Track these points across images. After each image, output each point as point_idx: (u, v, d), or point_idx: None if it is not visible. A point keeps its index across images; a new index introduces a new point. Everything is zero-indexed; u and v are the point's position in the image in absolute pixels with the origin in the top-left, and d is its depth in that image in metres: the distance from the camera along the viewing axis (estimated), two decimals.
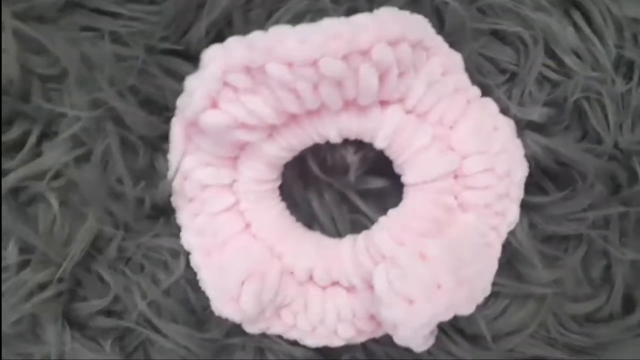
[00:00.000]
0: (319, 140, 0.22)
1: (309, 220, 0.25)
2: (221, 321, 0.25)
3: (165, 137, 0.24)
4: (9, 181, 0.24)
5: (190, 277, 0.25)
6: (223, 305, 0.22)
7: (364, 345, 0.25)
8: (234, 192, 0.23)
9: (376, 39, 0.18)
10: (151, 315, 0.25)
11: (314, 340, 0.23)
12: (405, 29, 0.19)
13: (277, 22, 0.22)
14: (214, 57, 0.19)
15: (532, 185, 0.24)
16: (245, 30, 0.22)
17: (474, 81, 0.23)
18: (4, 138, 0.24)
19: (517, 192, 0.23)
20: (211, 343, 0.25)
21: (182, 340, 0.25)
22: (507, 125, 0.22)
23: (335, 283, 0.23)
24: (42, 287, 0.24)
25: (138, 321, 0.25)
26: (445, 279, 0.19)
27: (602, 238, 0.25)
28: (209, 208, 0.23)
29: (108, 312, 0.26)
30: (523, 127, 0.23)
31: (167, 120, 0.23)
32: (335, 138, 0.22)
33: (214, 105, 0.20)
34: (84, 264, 0.25)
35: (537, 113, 0.23)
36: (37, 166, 0.24)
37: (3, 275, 0.24)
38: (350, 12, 0.22)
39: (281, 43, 0.18)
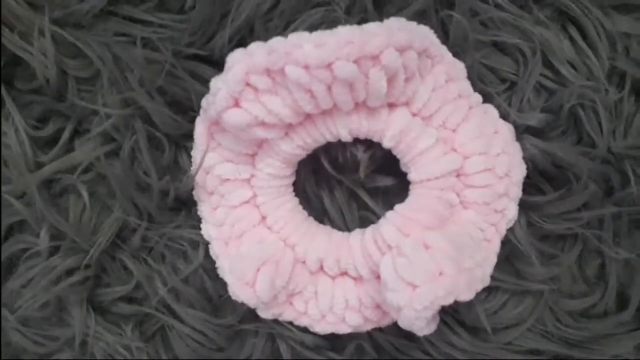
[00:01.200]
0: (332, 139, 0.23)
1: (320, 216, 0.27)
2: (236, 308, 0.26)
3: (188, 136, 0.26)
4: (43, 174, 0.26)
5: (209, 267, 0.26)
6: (240, 291, 0.23)
7: (370, 335, 0.26)
8: (252, 187, 0.25)
9: (386, 45, 0.20)
10: (171, 302, 0.26)
11: (323, 327, 0.25)
12: (413, 37, 0.21)
13: (294, 31, 0.24)
14: (237, 60, 0.21)
15: (530, 186, 0.25)
16: (265, 38, 0.24)
17: (477, 89, 0.24)
18: (40, 134, 0.26)
19: (516, 192, 0.24)
20: (226, 329, 0.27)
21: (199, 325, 0.26)
22: (507, 130, 0.24)
23: (344, 273, 0.25)
24: (70, 272, 0.26)
25: (158, 308, 0.27)
26: (447, 267, 0.20)
27: (596, 238, 0.26)
28: (228, 201, 0.25)
29: (130, 299, 0.27)
30: (522, 132, 0.25)
31: (192, 120, 0.25)
32: (346, 137, 0.23)
33: (237, 105, 0.21)
34: (110, 252, 0.27)
35: (535, 119, 0.25)
36: (70, 161, 0.26)
37: (35, 261, 0.26)
38: (362, 22, 0.24)
39: (300, 47, 0.20)
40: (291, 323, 0.26)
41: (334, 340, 0.27)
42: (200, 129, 0.24)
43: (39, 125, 0.26)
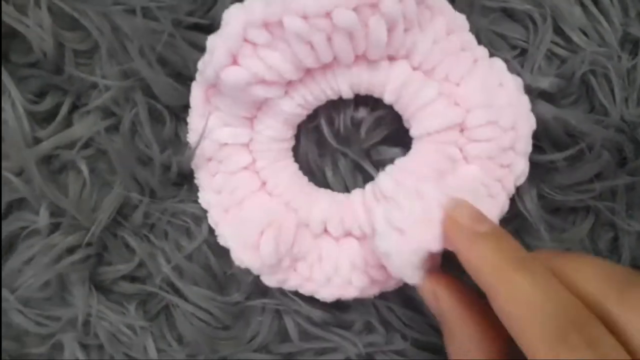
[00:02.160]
0: (332, 95, 0.23)
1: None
2: (241, 285, 0.26)
3: (189, 107, 0.25)
4: (41, 150, 0.25)
5: (212, 243, 0.26)
6: (243, 254, 0.23)
7: (377, 310, 0.26)
8: (251, 152, 0.24)
9: None
10: (174, 280, 0.26)
11: (329, 291, 0.24)
12: None
13: None
14: (234, 15, 0.20)
15: (541, 154, 0.25)
16: None
17: None
18: (38, 109, 0.25)
19: (524, 146, 0.23)
20: (231, 306, 0.26)
21: (203, 303, 0.26)
22: (513, 82, 0.23)
23: (348, 234, 0.24)
24: (71, 250, 0.26)
25: (161, 286, 0.26)
26: (436, 214, 0.20)
27: (609, 210, 0.25)
28: (227, 167, 0.24)
29: (132, 278, 0.27)
30: (535, 97, 0.24)
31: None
32: (347, 93, 0.22)
33: (235, 62, 0.21)
34: (111, 229, 0.26)
35: (547, 82, 0.24)
36: (68, 136, 0.25)
37: (35, 239, 0.26)
38: None
39: None
40: (297, 293, 0.25)
41: (341, 316, 0.26)
42: (197, 92, 0.23)
43: (36, 99, 0.26)
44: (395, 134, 0.25)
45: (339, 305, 0.26)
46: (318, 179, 0.26)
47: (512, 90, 0.23)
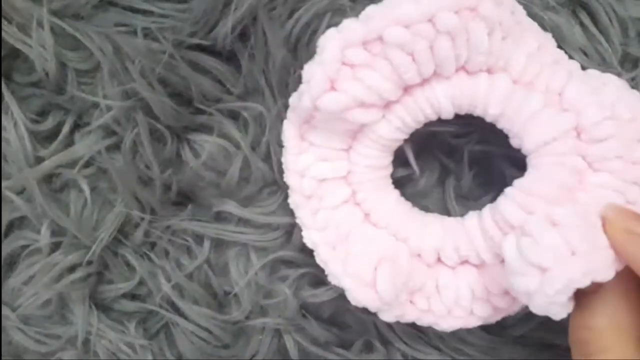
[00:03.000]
0: (431, 114, 0.22)
1: None
2: (241, 304, 0.26)
3: (190, 128, 0.25)
4: (43, 169, 0.25)
5: (213, 262, 0.26)
6: (360, 294, 0.22)
7: (377, 330, 0.26)
8: (349, 184, 0.23)
9: None
10: (174, 298, 0.26)
11: (450, 323, 0.23)
12: None
13: (298, 20, 0.24)
14: (331, 38, 0.20)
15: None
16: (268, 27, 0.24)
17: None
18: (40, 128, 0.26)
19: None
20: (231, 325, 0.26)
21: (203, 322, 0.26)
22: (615, 79, 0.22)
23: (464, 261, 0.23)
24: (72, 269, 0.26)
25: (161, 304, 0.26)
26: (578, 245, 0.18)
27: None
28: (328, 202, 0.23)
29: (133, 296, 0.27)
30: None
31: (194, 111, 0.25)
32: (447, 109, 0.22)
33: (332, 88, 0.20)
34: (112, 248, 0.26)
35: None
36: (70, 155, 0.26)
37: (36, 257, 0.26)
38: None
39: (398, 7, 0.19)
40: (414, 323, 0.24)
41: (342, 335, 0.26)
42: (290, 130, 0.23)
43: (38, 118, 0.26)
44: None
45: (340, 324, 0.26)
46: None
47: (617, 85, 0.21)
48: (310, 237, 0.24)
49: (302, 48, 0.24)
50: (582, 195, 0.20)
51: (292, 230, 0.25)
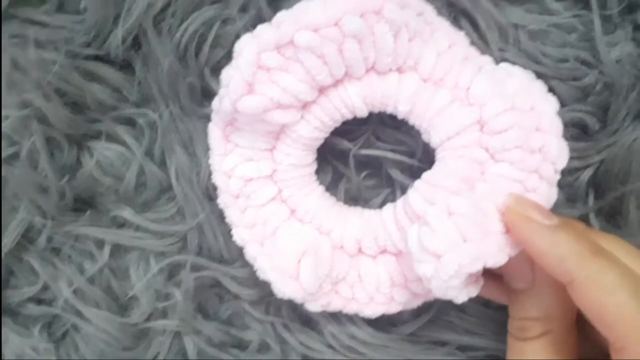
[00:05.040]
0: (347, 113, 0.23)
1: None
2: (142, 307, 0.26)
3: (89, 135, 0.26)
4: None
5: (114, 266, 0.26)
6: (285, 286, 0.23)
7: (274, 330, 0.27)
8: (275, 182, 0.24)
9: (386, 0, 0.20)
10: (76, 302, 0.26)
11: (373, 309, 0.24)
12: None
13: (187, 28, 0.25)
14: (246, 43, 0.21)
15: None
16: (158, 37, 0.25)
17: None
18: None
19: (552, 125, 0.21)
20: (132, 327, 0.27)
21: (103, 324, 0.26)
22: (521, 71, 0.22)
23: (383, 251, 0.24)
24: None
25: (65, 308, 0.27)
26: (470, 233, 0.19)
27: None
28: (255, 201, 0.24)
29: (38, 300, 0.27)
30: None
31: (90, 119, 0.26)
32: (360, 108, 0.23)
33: (250, 91, 0.21)
34: (16, 253, 0.27)
35: None
36: None
37: None
38: (256, 18, 0.24)
39: (306, 12, 0.20)
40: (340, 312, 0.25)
41: (239, 336, 0.27)
42: (215, 132, 0.24)
43: None
44: None
45: (238, 325, 0.27)
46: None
47: (522, 76, 0.22)
48: (239, 235, 0.25)
49: (190, 56, 0.25)
50: (482, 185, 0.22)
51: (187, 236, 0.26)
